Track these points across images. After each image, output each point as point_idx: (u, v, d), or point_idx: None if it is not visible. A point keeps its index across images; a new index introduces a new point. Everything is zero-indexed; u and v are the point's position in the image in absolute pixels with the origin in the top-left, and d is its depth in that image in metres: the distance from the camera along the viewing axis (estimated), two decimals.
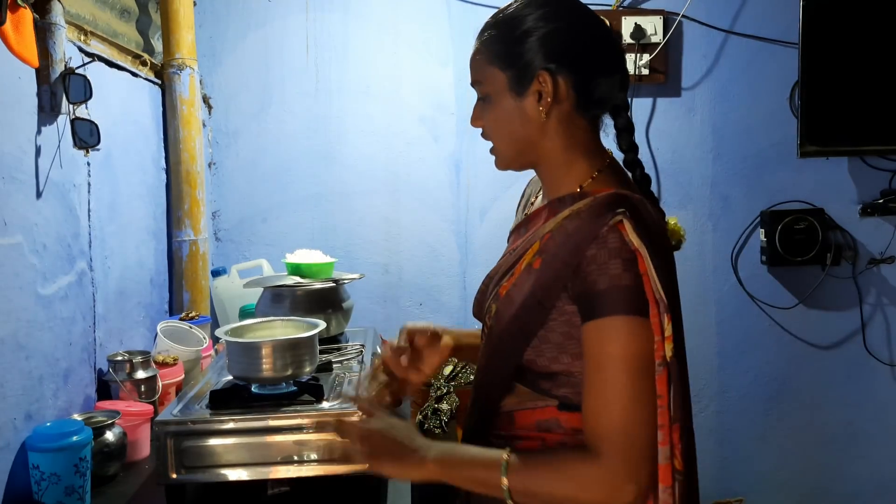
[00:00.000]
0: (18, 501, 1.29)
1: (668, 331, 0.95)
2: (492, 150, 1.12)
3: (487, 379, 1.11)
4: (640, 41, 2.41)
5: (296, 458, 1.26)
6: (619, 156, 1.14)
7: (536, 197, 1.21)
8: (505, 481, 0.96)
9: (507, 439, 1.07)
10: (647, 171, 1.14)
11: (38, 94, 1.42)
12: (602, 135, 1.12)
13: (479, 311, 1.17)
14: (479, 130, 1.13)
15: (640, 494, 0.94)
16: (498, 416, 1.09)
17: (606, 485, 0.93)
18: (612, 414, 0.94)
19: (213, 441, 1.25)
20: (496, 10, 1.10)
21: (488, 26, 1.09)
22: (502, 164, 1.12)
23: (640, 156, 1.14)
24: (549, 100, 1.03)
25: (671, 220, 1.12)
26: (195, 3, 2.30)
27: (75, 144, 1.52)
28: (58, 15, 1.43)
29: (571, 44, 1.04)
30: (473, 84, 1.10)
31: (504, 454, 0.98)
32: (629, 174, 1.12)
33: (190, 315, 2.02)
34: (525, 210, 1.23)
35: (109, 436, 1.41)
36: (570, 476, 0.95)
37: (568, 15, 1.06)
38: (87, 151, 1.61)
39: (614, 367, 0.94)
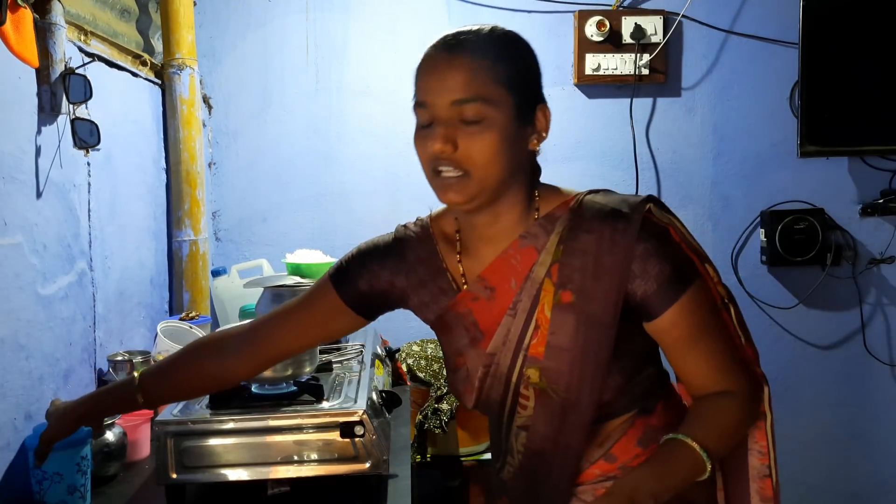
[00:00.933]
0: (18, 502, 1.29)
1: (715, 276, 1.07)
2: (456, 181, 0.98)
3: (565, 435, 1.04)
4: (640, 41, 2.41)
5: (296, 458, 1.26)
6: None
7: (444, 267, 1.11)
8: (703, 452, 0.99)
9: (611, 478, 1.08)
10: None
11: (38, 94, 1.42)
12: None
13: (490, 394, 1.08)
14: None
15: (768, 394, 1.09)
16: (582, 470, 1.08)
17: (754, 409, 1.07)
18: (723, 365, 1.05)
19: (213, 441, 1.25)
20: (481, 31, 1.02)
21: (486, 41, 1.00)
22: (471, 195, 0.99)
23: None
24: (543, 134, 1.04)
25: None
26: (195, 3, 2.30)
27: (75, 144, 1.52)
28: (58, 15, 1.43)
29: (540, 82, 1.06)
30: (461, 104, 0.97)
31: (680, 435, 1.00)
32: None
33: (190, 315, 2.02)
34: (447, 275, 1.11)
35: (109, 436, 1.41)
36: (735, 419, 1.05)
37: (535, 57, 1.06)
38: (88, 151, 1.61)
39: (707, 327, 1.04)
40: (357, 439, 1.26)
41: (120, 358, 1.63)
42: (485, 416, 1.19)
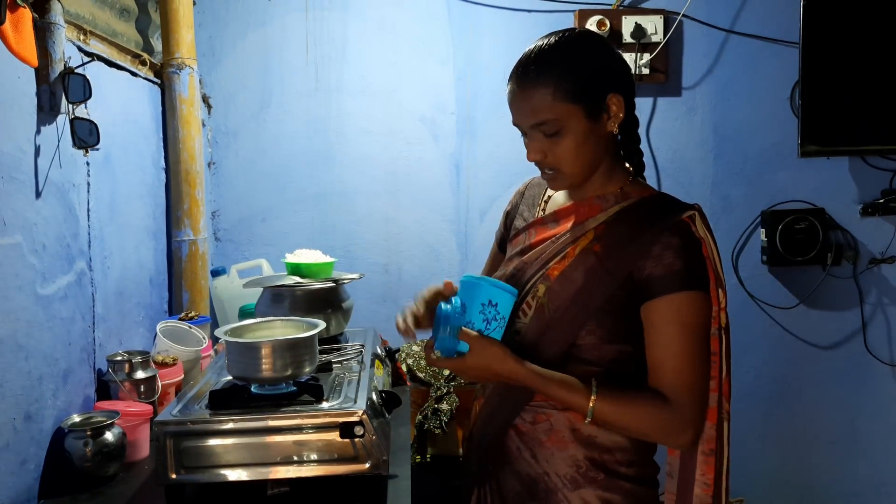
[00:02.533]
0: (18, 501, 1.29)
1: (724, 302, 1.18)
2: (553, 175, 1.23)
3: (542, 349, 1.22)
4: (641, 41, 2.40)
5: (295, 458, 1.26)
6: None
7: (547, 192, 1.37)
8: (592, 403, 1.14)
9: (552, 408, 1.24)
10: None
11: (38, 94, 1.42)
12: None
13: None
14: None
15: (696, 437, 1.17)
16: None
17: (675, 427, 1.15)
18: (684, 373, 1.14)
19: (213, 441, 1.25)
20: (536, 56, 1.19)
21: (546, 67, 1.17)
22: (568, 183, 1.24)
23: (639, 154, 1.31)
24: (620, 116, 1.20)
25: None
26: (195, 3, 2.30)
27: (75, 144, 1.52)
28: (57, 14, 1.42)
29: (615, 69, 1.21)
30: (537, 125, 1.19)
31: (594, 382, 1.16)
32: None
33: (189, 315, 2.02)
34: (540, 207, 1.37)
35: (109, 436, 1.40)
36: (646, 414, 1.15)
37: (602, 47, 1.22)
38: (87, 151, 1.61)
39: (687, 333, 1.14)
40: (357, 439, 1.26)
41: (119, 358, 1.63)
42: None
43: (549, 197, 1.38)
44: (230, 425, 1.26)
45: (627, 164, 1.30)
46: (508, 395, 1.29)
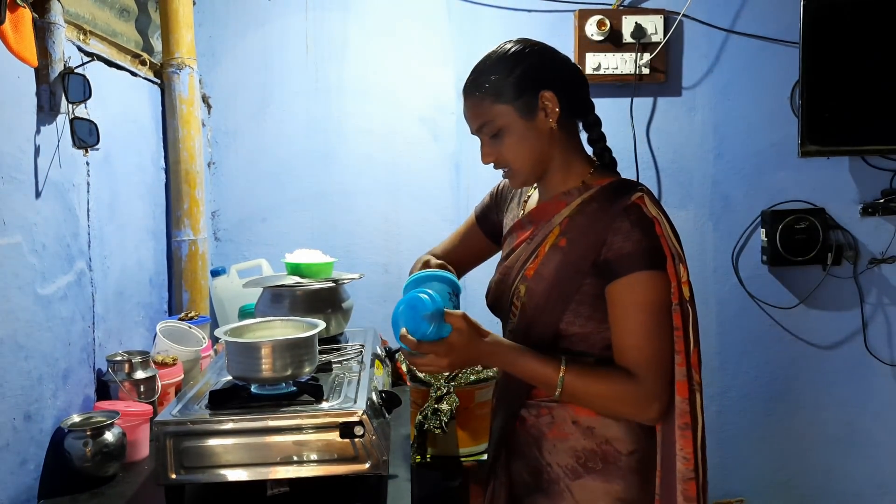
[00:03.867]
0: (18, 501, 1.29)
1: (685, 276, 1.21)
2: (508, 173, 1.32)
3: (529, 346, 1.26)
4: (641, 40, 2.40)
5: (295, 458, 1.26)
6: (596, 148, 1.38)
7: (529, 196, 1.42)
8: (562, 377, 1.19)
9: (554, 401, 1.29)
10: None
11: (38, 94, 1.42)
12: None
13: (498, 298, 1.37)
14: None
15: (662, 410, 1.22)
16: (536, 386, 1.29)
17: (640, 400, 1.20)
18: (644, 349, 1.20)
19: (213, 441, 1.25)
20: (475, 69, 1.31)
21: (478, 80, 1.28)
22: (522, 181, 1.32)
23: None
24: (556, 111, 1.26)
25: None
26: (195, 3, 2.30)
27: (74, 144, 1.52)
28: (57, 14, 1.42)
29: (549, 68, 1.28)
30: (480, 129, 1.29)
31: (563, 358, 1.21)
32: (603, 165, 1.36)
33: (189, 315, 2.02)
34: (521, 208, 1.43)
35: (109, 436, 1.40)
36: (614, 389, 1.20)
37: (534, 50, 1.30)
38: (87, 151, 1.61)
39: (643, 311, 1.19)
40: (357, 439, 1.26)
41: (119, 358, 1.63)
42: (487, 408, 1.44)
43: (529, 197, 1.44)
44: (230, 425, 1.25)
45: (595, 159, 1.36)
46: (508, 390, 1.36)
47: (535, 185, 1.41)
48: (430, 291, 1.19)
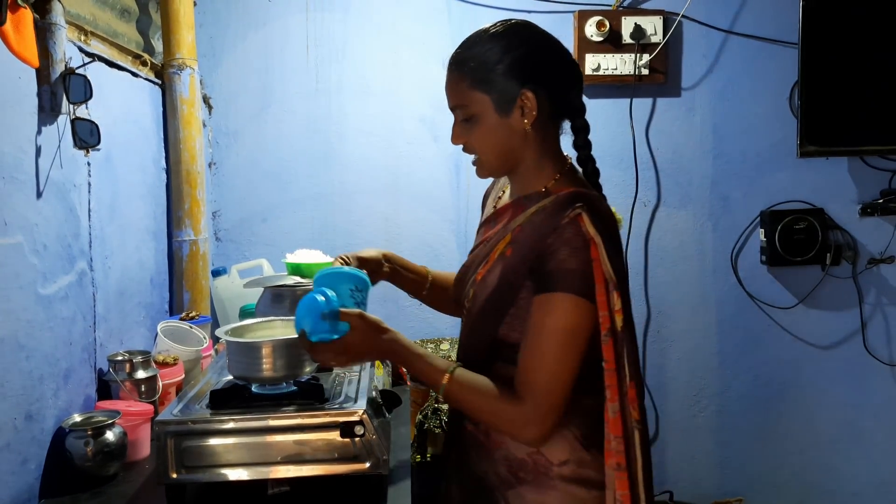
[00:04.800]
0: (18, 501, 1.29)
1: (618, 305, 1.14)
2: (476, 162, 1.28)
3: (469, 352, 1.28)
4: (640, 41, 2.41)
5: (296, 457, 1.26)
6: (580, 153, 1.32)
7: (504, 192, 1.38)
8: (444, 383, 1.18)
9: None
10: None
11: (39, 94, 1.42)
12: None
13: (457, 295, 1.36)
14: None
15: (541, 437, 1.17)
16: None
17: (516, 422, 1.16)
18: (538, 372, 1.15)
19: (213, 441, 1.25)
20: (464, 42, 1.26)
21: (463, 57, 1.23)
22: (487, 172, 1.29)
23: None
24: (533, 114, 1.20)
25: (613, 209, 1.28)
26: (195, 3, 2.30)
27: (75, 144, 1.52)
28: (58, 15, 1.43)
29: (539, 64, 1.22)
30: (454, 108, 1.25)
31: (455, 365, 1.20)
32: (581, 171, 1.31)
33: (190, 315, 2.02)
34: (494, 204, 1.39)
35: (109, 436, 1.41)
36: (493, 405, 1.18)
37: (529, 41, 1.25)
38: (88, 151, 1.61)
39: (549, 335, 1.14)
40: (357, 439, 1.26)
41: (120, 358, 1.63)
42: None
43: (504, 192, 1.38)
44: (231, 425, 1.26)
45: (573, 165, 1.30)
46: None
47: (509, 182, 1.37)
48: (328, 291, 1.18)
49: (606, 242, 1.14)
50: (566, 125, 1.29)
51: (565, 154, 1.30)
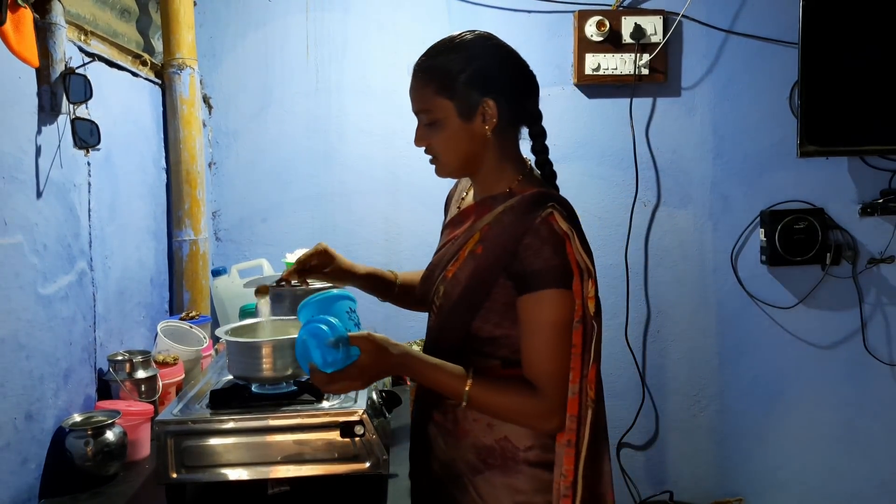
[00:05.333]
0: (18, 501, 1.29)
1: (591, 292, 1.21)
2: (434, 161, 1.33)
3: (442, 346, 1.30)
4: (640, 41, 2.41)
5: (296, 457, 1.26)
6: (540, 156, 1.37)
7: (467, 194, 1.43)
8: (467, 391, 1.20)
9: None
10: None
11: (39, 94, 1.42)
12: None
13: (424, 293, 1.39)
14: None
15: (561, 424, 1.22)
16: None
17: (540, 414, 1.22)
18: (547, 364, 1.21)
19: (213, 441, 1.25)
20: (430, 49, 1.31)
21: (429, 65, 1.29)
22: (447, 173, 1.34)
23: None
24: (493, 121, 1.26)
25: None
26: (195, 3, 2.30)
27: (75, 144, 1.52)
28: (58, 15, 1.43)
29: (500, 75, 1.28)
30: (418, 112, 1.32)
31: (471, 372, 1.22)
32: (539, 173, 1.36)
33: (190, 315, 2.02)
34: (458, 206, 1.44)
35: (110, 435, 1.41)
36: (516, 402, 1.22)
37: (492, 52, 1.29)
38: (88, 151, 1.61)
39: (547, 329, 1.21)
40: (357, 439, 1.26)
41: (120, 357, 1.63)
42: None
43: (467, 194, 1.44)
44: (231, 425, 1.26)
45: (532, 167, 1.36)
46: (426, 389, 1.35)
47: (471, 184, 1.42)
48: (329, 319, 1.16)
49: (579, 235, 1.22)
50: (525, 131, 1.36)
51: (524, 157, 1.36)
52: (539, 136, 1.34)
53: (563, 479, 1.22)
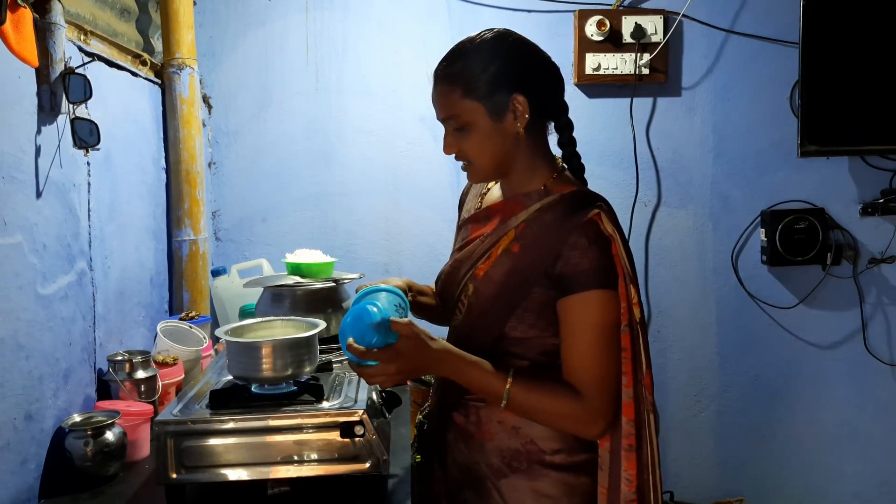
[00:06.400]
0: (18, 501, 1.29)
1: (635, 298, 1.20)
2: (467, 167, 1.30)
3: (471, 347, 1.26)
4: (641, 41, 2.41)
5: (296, 457, 1.26)
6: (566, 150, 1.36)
7: (488, 190, 1.41)
8: (508, 390, 1.18)
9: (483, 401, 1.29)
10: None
11: (38, 94, 1.42)
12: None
13: (447, 289, 1.36)
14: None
15: (606, 429, 1.22)
16: None
17: (584, 418, 1.20)
18: (593, 368, 1.19)
19: (213, 441, 1.25)
20: (450, 54, 1.28)
21: (451, 69, 1.26)
22: (481, 178, 1.32)
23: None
24: (525, 117, 1.25)
25: None
26: (195, 3, 2.30)
27: (75, 144, 1.52)
28: (58, 14, 1.42)
29: (526, 70, 1.26)
30: (445, 119, 1.28)
31: (511, 371, 1.20)
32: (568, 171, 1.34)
33: (190, 315, 2.02)
34: (478, 202, 1.41)
35: (109, 436, 1.41)
36: (559, 405, 1.20)
37: (514, 47, 1.28)
38: (87, 151, 1.61)
39: (593, 331, 1.19)
40: (357, 439, 1.26)
41: (120, 358, 1.63)
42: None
43: (488, 189, 1.41)
44: (231, 425, 1.26)
45: (564, 164, 1.35)
46: (446, 391, 1.35)
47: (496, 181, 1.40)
48: (377, 302, 1.17)
49: (621, 238, 1.21)
50: (551, 125, 1.35)
51: (553, 153, 1.35)
52: (567, 129, 1.33)
53: (628, 485, 1.21)
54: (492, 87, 1.23)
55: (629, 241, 2.48)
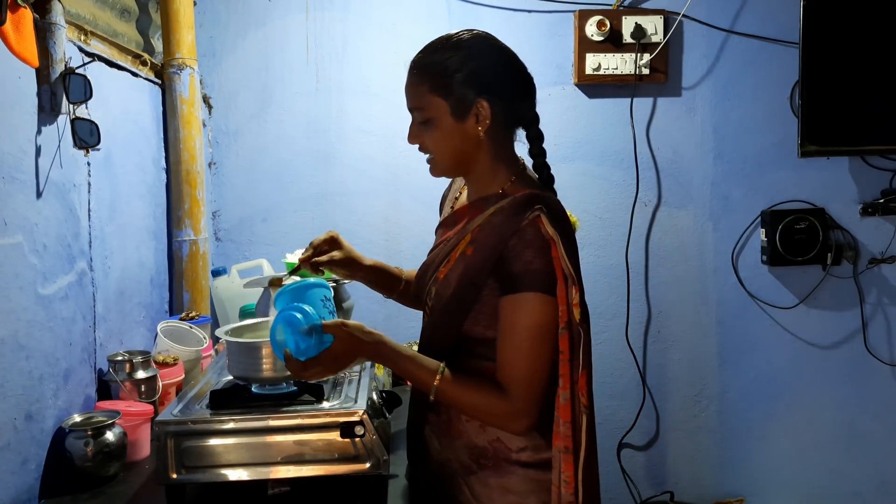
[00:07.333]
0: (18, 501, 1.29)
1: (576, 299, 1.20)
2: (429, 160, 1.34)
3: (434, 347, 1.30)
4: (641, 41, 2.40)
5: (296, 457, 1.26)
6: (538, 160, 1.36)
7: (461, 194, 1.43)
8: (436, 383, 1.21)
9: None
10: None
11: (38, 94, 1.42)
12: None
13: (418, 292, 1.39)
14: None
15: (528, 427, 1.23)
16: None
17: (507, 414, 1.22)
18: (518, 368, 1.21)
19: (213, 441, 1.25)
20: (427, 47, 1.32)
21: (425, 62, 1.30)
22: (440, 172, 1.34)
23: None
24: (486, 122, 1.26)
25: (568, 211, 1.32)
26: (195, 3, 2.30)
27: (75, 144, 1.52)
28: (58, 15, 1.43)
29: (495, 76, 1.27)
30: (413, 109, 1.32)
31: (442, 364, 1.23)
32: (537, 176, 1.35)
33: (190, 315, 2.02)
34: (451, 206, 1.44)
35: (109, 436, 1.41)
36: (483, 401, 1.22)
37: (489, 53, 1.29)
38: (87, 151, 1.61)
39: (522, 332, 1.20)
40: (357, 439, 1.26)
41: (120, 358, 1.63)
42: None
43: (461, 194, 1.44)
44: (231, 425, 1.26)
45: (524, 166, 1.35)
46: (417, 389, 1.36)
47: (464, 184, 1.42)
48: (303, 307, 1.17)
49: (564, 241, 1.20)
50: (522, 134, 1.36)
51: (520, 157, 1.36)
52: (536, 140, 1.33)
53: (567, 486, 1.22)
54: (459, 87, 1.26)
55: (629, 242, 2.51)
